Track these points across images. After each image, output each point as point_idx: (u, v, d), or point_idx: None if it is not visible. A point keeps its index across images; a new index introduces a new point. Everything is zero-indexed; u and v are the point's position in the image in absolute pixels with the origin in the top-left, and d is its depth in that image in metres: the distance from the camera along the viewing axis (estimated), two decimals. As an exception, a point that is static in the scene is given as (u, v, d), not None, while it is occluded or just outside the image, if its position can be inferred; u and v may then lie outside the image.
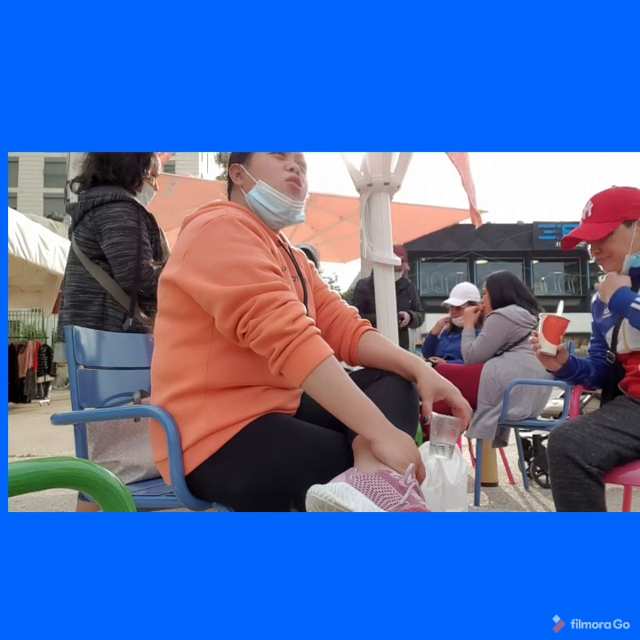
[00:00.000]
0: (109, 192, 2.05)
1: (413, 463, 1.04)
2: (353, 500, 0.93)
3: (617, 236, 1.72)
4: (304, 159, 1.40)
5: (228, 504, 1.23)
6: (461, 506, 2.29)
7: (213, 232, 1.17)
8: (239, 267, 1.13)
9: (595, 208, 1.76)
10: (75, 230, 2.12)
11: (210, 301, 1.13)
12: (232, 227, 1.18)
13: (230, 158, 1.42)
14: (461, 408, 1.26)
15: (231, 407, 1.18)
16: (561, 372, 1.83)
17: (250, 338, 1.11)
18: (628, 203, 1.73)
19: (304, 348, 1.07)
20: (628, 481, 1.60)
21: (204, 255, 1.16)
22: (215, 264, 1.14)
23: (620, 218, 1.71)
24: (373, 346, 1.38)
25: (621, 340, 1.75)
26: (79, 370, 1.57)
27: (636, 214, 1.71)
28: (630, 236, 1.71)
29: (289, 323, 1.08)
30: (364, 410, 1.08)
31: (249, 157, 1.36)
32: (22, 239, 6.12)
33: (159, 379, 1.26)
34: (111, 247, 2.02)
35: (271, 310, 1.09)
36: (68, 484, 0.57)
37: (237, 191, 1.39)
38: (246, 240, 1.18)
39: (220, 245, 1.16)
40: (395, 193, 3.01)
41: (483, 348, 3.10)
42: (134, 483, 1.71)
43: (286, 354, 1.07)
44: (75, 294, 2.09)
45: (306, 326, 1.09)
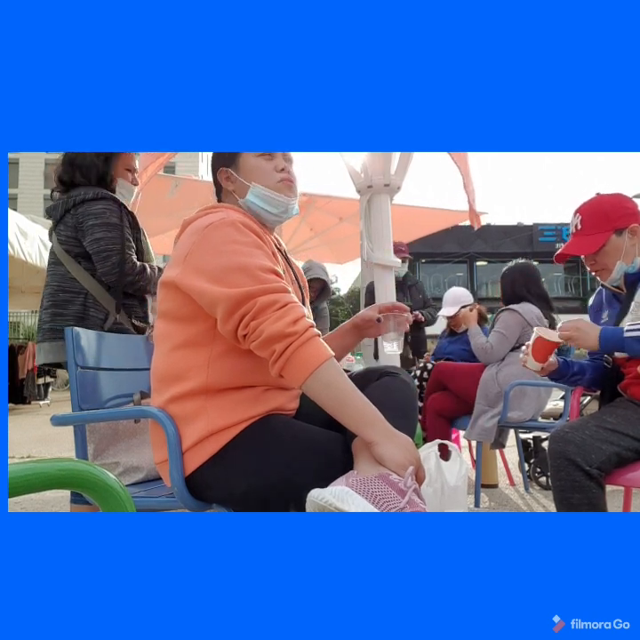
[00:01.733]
0: (90, 191, 2.05)
1: (413, 466, 1.04)
2: (353, 504, 0.93)
3: (610, 247, 1.71)
4: (290, 154, 1.40)
5: (228, 505, 1.23)
6: (461, 507, 2.29)
7: (215, 235, 1.17)
8: (240, 269, 1.13)
9: (583, 220, 1.75)
10: (56, 230, 2.11)
11: (211, 303, 1.14)
12: (233, 229, 1.19)
13: (214, 162, 1.40)
14: (401, 306, 1.46)
15: (231, 408, 1.18)
16: (551, 375, 1.82)
17: (251, 339, 1.11)
18: (616, 211, 1.72)
19: (304, 350, 1.07)
20: (629, 482, 1.60)
21: (205, 258, 1.16)
22: (217, 266, 1.14)
23: (610, 228, 1.71)
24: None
25: None
26: (79, 371, 1.57)
27: (625, 222, 1.71)
28: (622, 244, 1.71)
29: (289, 324, 1.08)
30: (363, 412, 1.07)
31: (236, 161, 1.35)
32: (22, 240, 6.11)
33: (159, 381, 1.26)
34: (94, 243, 2.00)
35: (272, 312, 1.09)
36: (67, 485, 0.57)
37: (229, 196, 1.37)
38: (248, 243, 1.18)
39: (222, 248, 1.16)
40: (395, 194, 3.01)
41: (502, 345, 3.01)
42: (134, 484, 1.70)
43: (287, 355, 1.07)
44: (55, 294, 2.06)
45: (306, 328, 1.09)
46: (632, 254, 1.72)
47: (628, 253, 1.71)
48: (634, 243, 1.72)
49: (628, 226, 1.70)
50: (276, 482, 1.13)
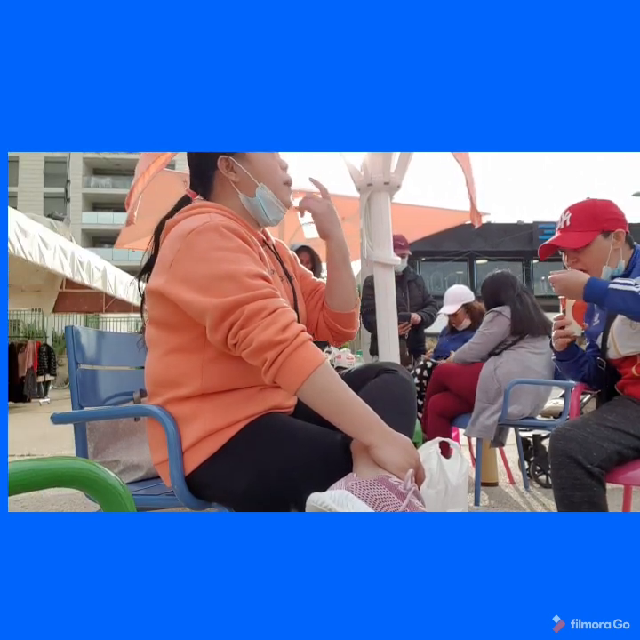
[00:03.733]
0: None
1: (412, 467, 1.04)
2: (353, 508, 0.93)
3: (595, 247, 1.74)
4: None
5: (228, 504, 1.23)
6: (462, 506, 2.29)
7: (198, 241, 1.14)
8: (227, 277, 1.11)
9: (573, 217, 1.78)
10: None
11: (199, 313, 1.12)
12: (217, 235, 1.15)
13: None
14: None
15: (228, 409, 1.18)
16: (566, 353, 1.84)
17: (241, 348, 1.09)
18: (605, 214, 1.76)
19: (296, 357, 1.06)
20: (629, 481, 1.60)
21: (190, 266, 1.13)
22: (202, 275, 1.12)
23: (598, 228, 1.74)
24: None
25: (612, 347, 1.76)
26: (79, 369, 1.57)
27: (613, 226, 1.74)
28: (607, 247, 1.74)
29: (279, 332, 1.06)
30: (360, 416, 1.07)
31: (245, 153, 1.29)
32: (22, 239, 6.11)
33: (155, 385, 1.25)
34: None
35: (260, 320, 1.07)
36: (68, 483, 0.57)
37: (227, 187, 1.31)
38: (233, 248, 1.15)
39: (206, 255, 1.13)
40: (395, 193, 3.00)
41: (481, 342, 3.15)
42: (134, 482, 1.71)
43: (278, 363, 1.06)
44: None
45: (296, 334, 1.07)
46: (616, 259, 1.76)
47: (613, 258, 1.75)
48: (618, 247, 1.75)
49: (615, 230, 1.74)
50: (276, 480, 1.13)
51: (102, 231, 31.58)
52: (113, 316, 13.93)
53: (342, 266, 1.45)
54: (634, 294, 1.51)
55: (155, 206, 2.21)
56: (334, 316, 1.46)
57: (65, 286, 10.38)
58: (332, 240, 1.44)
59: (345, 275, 1.46)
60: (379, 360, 2.94)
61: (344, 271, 1.46)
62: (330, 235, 1.43)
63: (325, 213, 1.42)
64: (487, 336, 3.11)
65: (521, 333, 3.04)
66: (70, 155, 7.59)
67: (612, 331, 1.76)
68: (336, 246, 1.44)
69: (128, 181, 11.19)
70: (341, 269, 1.45)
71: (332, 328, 1.48)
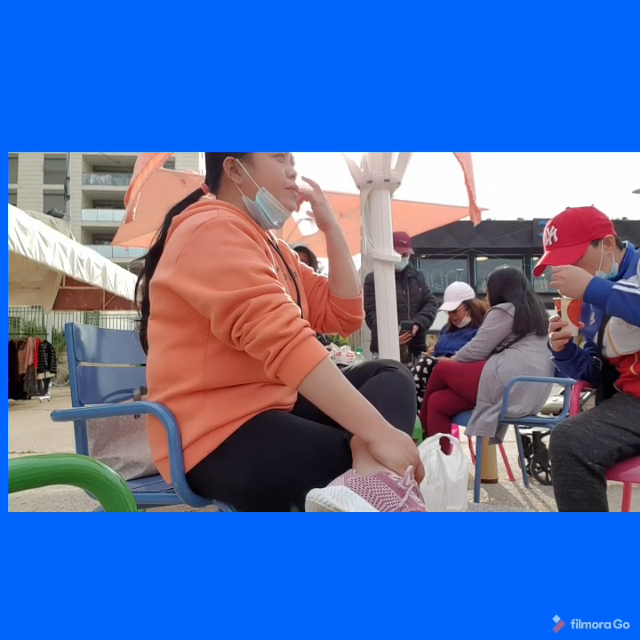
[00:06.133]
0: None
1: (412, 464, 1.04)
2: (352, 504, 0.93)
3: (588, 258, 1.74)
4: (294, 159, 1.40)
5: (228, 501, 1.23)
6: (461, 502, 2.29)
7: (206, 236, 1.15)
8: (233, 271, 1.12)
9: (560, 232, 1.77)
10: None
11: (205, 306, 1.13)
12: (225, 230, 1.16)
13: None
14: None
15: (229, 405, 1.18)
16: (564, 353, 1.85)
17: (245, 341, 1.10)
18: (591, 222, 1.75)
19: (299, 351, 1.07)
20: (629, 478, 1.60)
21: (197, 260, 1.14)
22: (209, 269, 1.13)
23: (587, 238, 1.73)
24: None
25: (609, 346, 1.76)
26: (79, 366, 1.57)
27: (601, 233, 1.74)
28: (599, 254, 1.74)
29: (283, 326, 1.07)
30: (361, 412, 1.07)
31: (249, 155, 1.31)
32: (22, 236, 6.10)
33: (156, 381, 1.25)
34: None
35: (265, 314, 1.08)
36: (68, 480, 0.57)
37: (231, 188, 1.33)
38: (240, 243, 1.16)
39: (214, 249, 1.14)
40: (395, 189, 3.00)
41: (484, 340, 3.15)
42: (134, 479, 1.71)
43: (281, 357, 1.06)
44: None
45: (300, 329, 1.08)
46: (608, 263, 1.76)
47: (605, 263, 1.75)
48: (609, 252, 1.75)
49: (604, 236, 1.74)
50: (276, 477, 1.13)
51: (102, 228, 31.56)
52: (113, 313, 13.92)
53: (345, 252, 1.50)
54: (637, 297, 1.51)
55: (152, 206, 2.21)
56: (342, 303, 1.50)
57: (65, 283, 10.39)
58: (331, 228, 1.48)
59: (349, 260, 1.51)
60: (379, 357, 2.94)
61: (347, 257, 1.51)
62: (329, 222, 1.48)
63: (324, 202, 1.47)
64: (489, 333, 3.11)
65: (523, 332, 3.04)
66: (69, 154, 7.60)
67: (607, 330, 1.76)
68: (336, 234, 1.49)
69: (128, 178, 11.16)
70: (345, 255, 1.50)
71: (340, 316, 1.51)
